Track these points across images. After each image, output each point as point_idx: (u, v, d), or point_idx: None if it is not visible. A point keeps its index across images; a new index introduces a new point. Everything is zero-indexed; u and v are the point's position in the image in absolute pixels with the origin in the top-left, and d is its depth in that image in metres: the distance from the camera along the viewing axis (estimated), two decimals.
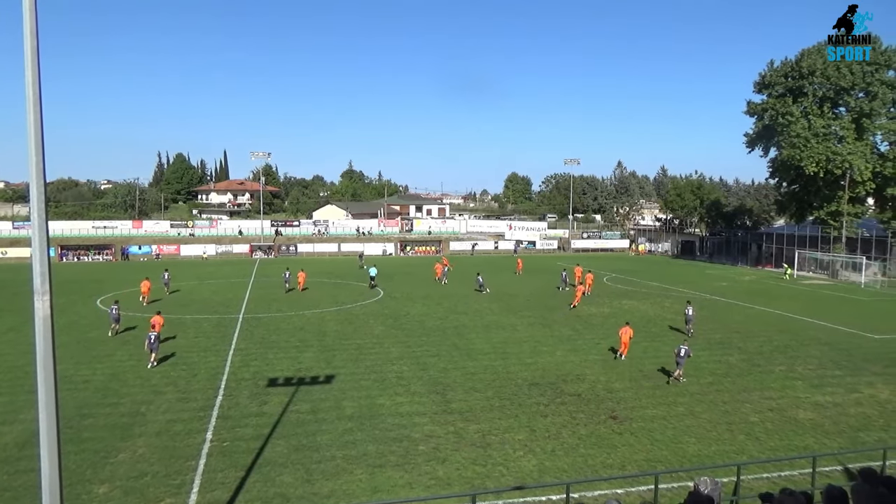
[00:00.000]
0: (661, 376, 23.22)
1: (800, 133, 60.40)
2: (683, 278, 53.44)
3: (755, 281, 56.61)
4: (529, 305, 39.25)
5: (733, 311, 38.25)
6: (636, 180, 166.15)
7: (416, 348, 27.18)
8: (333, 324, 32.84)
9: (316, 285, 49.53)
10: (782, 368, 24.29)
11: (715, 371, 24.05)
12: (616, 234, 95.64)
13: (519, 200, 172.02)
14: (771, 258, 69.82)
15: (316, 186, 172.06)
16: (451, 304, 39.86)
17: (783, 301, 42.72)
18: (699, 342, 28.89)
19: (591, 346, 27.98)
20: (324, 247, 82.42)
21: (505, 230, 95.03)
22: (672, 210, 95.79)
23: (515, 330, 31.26)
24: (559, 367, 24.27)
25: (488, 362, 24.77)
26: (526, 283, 50.71)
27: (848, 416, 19.32)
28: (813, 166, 59.13)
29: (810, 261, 63.16)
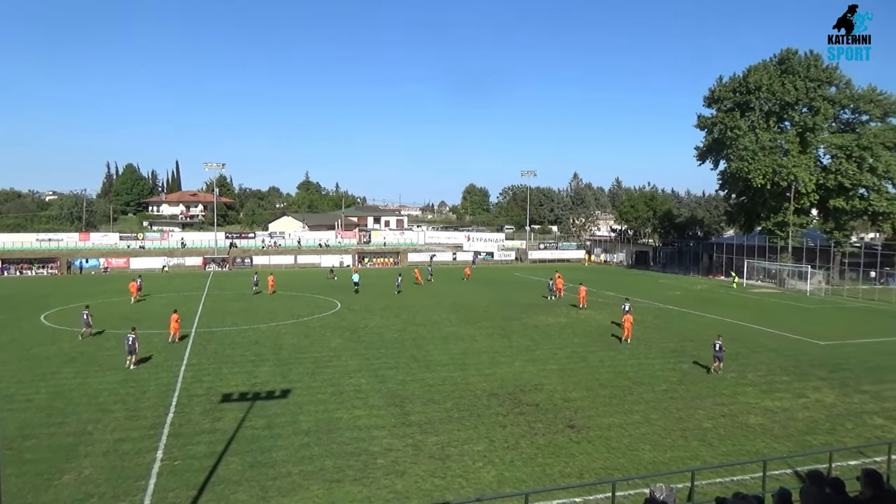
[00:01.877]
0: (618, 384, 23.28)
1: (747, 146, 61.92)
2: (638, 288, 53.89)
3: (707, 290, 57.22)
4: (488, 316, 39.17)
5: (686, 319, 38.67)
6: (592, 192, 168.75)
7: (374, 360, 26.95)
8: (290, 337, 32.38)
9: (269, 298, 48.73)
10: (733, 375, 24.60)
11: (669, 379, 24.24)
12: (572, 244, 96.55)
13: (477, 212, 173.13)
14: (721, 268, 70.79)
15: (272, 198, 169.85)
16: (410, 315, 39.65)
17: (733, 309, 43.40)
18: (653, 351, 29.18)
19: (549, 355, 28.00)
20: (280, 259, 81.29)
21: (463, 241, 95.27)
22: (626, 221, 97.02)
23: (474, 341, 31.20)
24: (517, 377, 24.28)
25: (447, 374, 24.71)
26: (484, 294, 50.65)
27: (796, 420, 19.68)
28: (760, 178, 60.52)
29: (759, 270, 64.15)
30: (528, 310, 41.68)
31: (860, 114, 62.81)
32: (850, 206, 60.50)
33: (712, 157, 69.47)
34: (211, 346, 30.18)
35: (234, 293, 50.82)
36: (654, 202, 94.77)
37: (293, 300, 47.28)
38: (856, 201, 60.39)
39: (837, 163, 60.15)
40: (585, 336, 33.09)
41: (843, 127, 64.01)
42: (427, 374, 24.67)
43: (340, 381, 23.81)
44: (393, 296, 49.42)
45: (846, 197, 60.66)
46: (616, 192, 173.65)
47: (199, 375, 24.68)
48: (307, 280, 61.62)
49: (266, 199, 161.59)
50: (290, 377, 24.38)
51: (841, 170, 59.55)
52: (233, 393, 22.23)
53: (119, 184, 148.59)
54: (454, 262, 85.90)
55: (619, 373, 25.00)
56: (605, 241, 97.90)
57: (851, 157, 59.24)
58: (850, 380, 24.34)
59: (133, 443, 17.77)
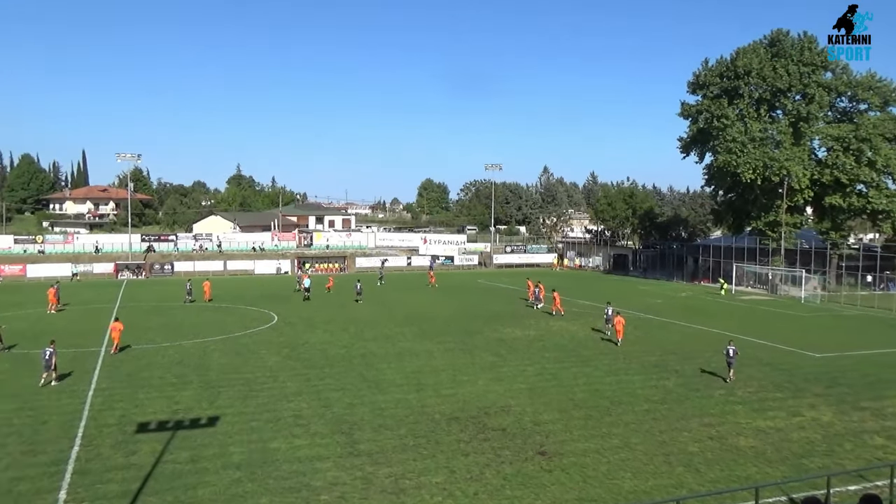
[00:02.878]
0: (595, 405, 23.65)
1: (736, 137, 62.98)
2: (616, 295, 54.51)
3: (692, 297, 58.33)
4: (448, 329, 39.73)
5: (669, 330, 39.67)
6: (564, 188, 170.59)
7: (316, 382, 27.03)
8: (218, 355, 32.33)
9: (196, 310, 48.44)
10: (722, 392, 25.30)
11: (651, 397, 24.71)
12: (542, 247, 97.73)
13: (435, 210, 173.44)
14: (708, 272, 72.45)
15: (197, 194, 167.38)
16: (358, 329, 39.95)
17: (721, 319, 44.65)
18: (633, 366, 29.88)
19: (517, 373, 28.40)
20: (207, 265, 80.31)
21: (419, 244, 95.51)
22: (603, 220, 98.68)
23: (432, 357, 31.53)
24: (481, 398, 24.52)
25: (401, 395, 24.88)
26: (443, 304, 51.10)
27: (790, 441, 20.22)
28: (750, 173, 61.53)
29: (749, 275, 65.98)
30: (493, 321, 42.30)
31: (858, 102, 64.12)
32: (848, 203, 61.75)
33: (697, 149, 70.59)
34: (124, 367, 29.73)
35: (152, 305, 50.26)
36: (633, 199, 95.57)
37: (222, 313, 47.07)
38: (853, 198, 61.69)
39: (834, 156, 61.48)
40: (558, 350, 33.54)
41: (840, 116, 65.10)
42: (378, 396, 24.82)
43: (277, 405, 23.77)
44: (338, 307, 49.61)
45: (843, 194, 61.85)
46: (591, 189, 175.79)
47: (111, 401, 24.27)
48: (238, 290, 61.05)
49: (190, 196, 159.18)
50: (218, 402, 24.23)
51: (837, 164, 60.86)
52: (150, 422, 22.01)
53: (14, 178, 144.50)
54: (409, 267, 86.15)
55: (595, 391, 25.42)
56: (579, 244, 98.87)
57: (849, 150, 60.60)
58: (849, 396, 25.00)
59: (31, 482, 17.35)
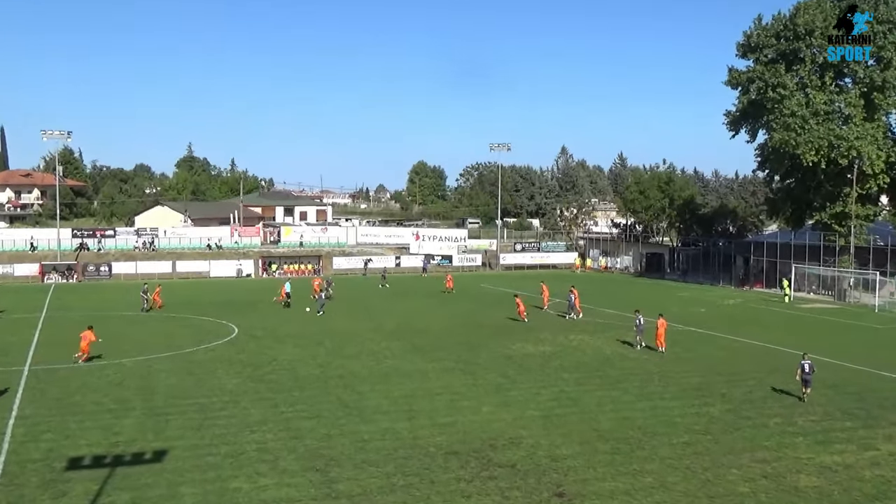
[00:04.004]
0: (623, 436, 23.49)
1: (795, 111, 62.34)
2: (649, 303, 53.65)
3: (742, 305, 58.08)
4: (445, 344, 39.57)
5: (714, 345, 39.83)
6: (586, 172, 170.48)
7: (285, 408, 26.93)
8: (167, 376, 32.19)
9: (141, 321, 48.38)
10: (778, 421, 25.32)
11: (692, 427, 24.61)
12: (560, 244, 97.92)
13: (429, 200, 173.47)
14: (761, 275, 71.69)
15: (140, 180, 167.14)
16: (336, 344, 39.72)
17: (777, 331, 44.72)
18: (671, 388, 29.81)
19: (529, 396, 28.31)
20: (151, 266, 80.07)
21: (410, 241, 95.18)
22: (633, 212, 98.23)
23: (426, 378, 31.57)
24: (486, 427, 24.44)
25: (388, 424, 24.82)
26: (439, 313, 50.92)
27: (862, 481, 20.12)
28: (812, 154, 60.91)
29: (810, 278, 65.24)
30: (499, 334, 42.06)
31: None
32: None
33: (748, 125, 69.73)
34: (52, 391, 29.42)
35: (85, 314, 49.55)
36: (670, 187, 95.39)
37: (171, 324, 46.96)
38: None
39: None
40: (579, 369, 33.41)
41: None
42: (360, 425, 24.71)
43: (238, 437, 23.59)
44: (311, 318, 49.38)
45: None
46: (619, 174, 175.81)
47: (36, 432, 24.02)
48: (192, 296, 60.74)
49: (131, 183, 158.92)
50: (166, 433, 24.01)
51: None
52: (84, 456, 21.72)
53: None
54: (398, 268, 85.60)
55: (624, 420, 25.30)
56: (604, 241, 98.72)
57: None
58: None
59: None
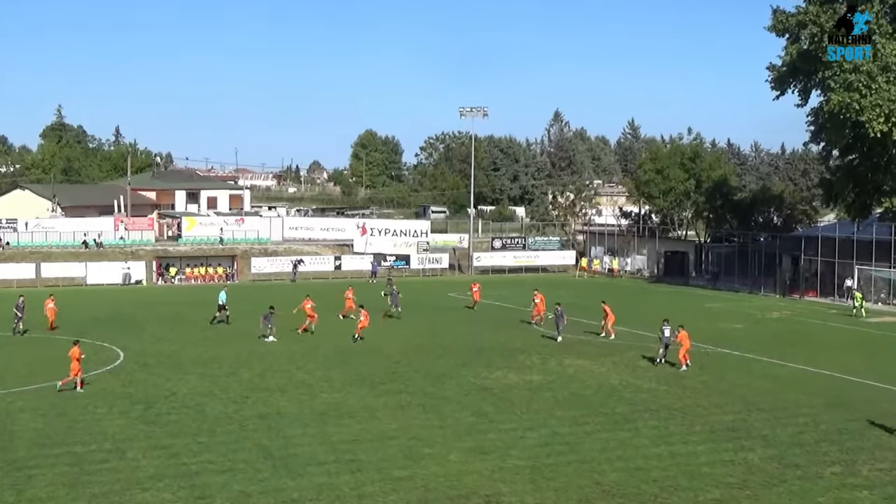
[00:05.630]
0: (635, 492, 23.08)
1: (859, 65, 59.03)
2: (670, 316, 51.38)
3: (789, 319, 57.67)
4: (401, 372, 38.68)
5: (753, 372, 39.66)
6: (586, 145, 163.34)
7: (188, 459, 25.50)
8: (29, 417, 30.27)
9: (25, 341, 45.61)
10: (836, 471, 25.15)
11: (724, 480, 24.22)
12: (553, 241, 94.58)
13: (380, 182, 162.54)
14: (815, 280, 69.76)
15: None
16: (256, 373, 37.93)
17: (835, 353, 44.67)
18: (697, 429, 29.45)
19: (512, 441, 27.62)
20: (6, 270, 75.08)
21: (355, 236, 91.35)
22: (648, 198, 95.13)
23: (375, 418, 30.75)
24: (454, 482, 23.85)
25: (325, 479, 23.86)
26: (394, 331, 49.12)
27: None
28: (881, 122, 57.95)
29: (879, 283, 64.22)
30: (473, 359, 41.19)
31: None
32: None
33: (798, 83, 66.00)
34: None
35: None
36: (696, 164, 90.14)
37: (35, 347, 44.05)
38: None
39: None
40: (576, 405, 32.70)
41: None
42: (287, 480, 23.79)
43: (126, 497, 22.25)
44: (223, 340, 46.71)
45: None
46: (630, 147, 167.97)
47: None
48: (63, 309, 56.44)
49: None
50: (28, 493, 22.49)
51: None
52: None
53: None
54: (338, 271, 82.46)
55: (636, 470, 24.82)
56: (610, 236, 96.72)
57: None
58: None
59: None
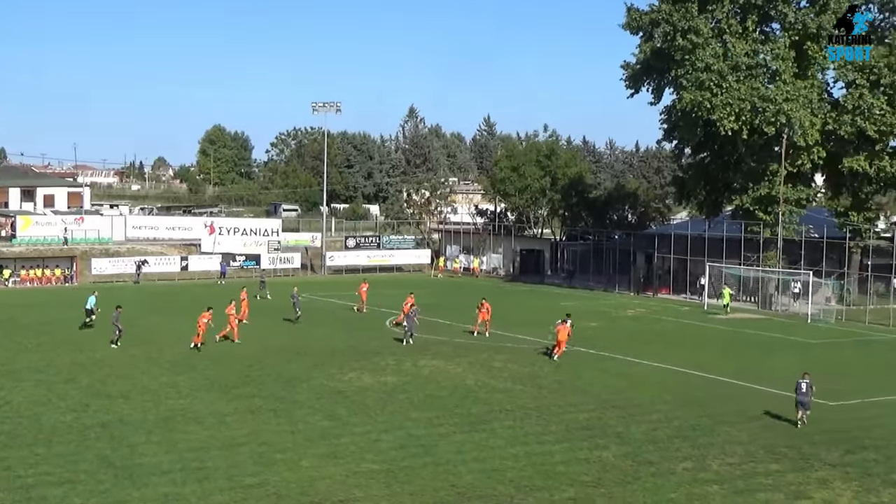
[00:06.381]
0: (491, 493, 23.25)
1: (710, 64, 60.35)
2: (523, 317, 52.69)
3: (643, 317, 58.27)
4: (251, 376, 38.08)
5: (608, 370, 40.18)
6: (442, 142, 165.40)
7: (23, 471, 24.75)
8: None
9: None
10: (688, 466, 25.75)
11: (579, 478, 24.59)
12: (408, 239, 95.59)
13: (229, 179, 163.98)
14: (669, 277, 71.28)
15: None
16: (96, 379, 36.69)
17: (688, 350, 45.36)
18: (552, 428, 29.91)
19: (366, 444, 28.07)
20: None
21: (202, 235, 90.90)
22: (504, 196, 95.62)
23: (224, 423, 30.43)
24: (307, 488, 23.80)
25: (170, 489, 23.63)
26: (244, 334, 47.71)
27: None
28: (731, 120, 59.75)
29: (729, 280, 65.32)
30: (326, 361, 41.13)
31: (891, 12, 62.86)
32: (877, 169, 60.74)
33: (652, 81, 68.06)
34: None
35: None
36: (552, 162, 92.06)
37: None
38: (885, 161, 60.50)
39: (856, 95, 59.71)
40: (432, 406, 32.83)
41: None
42: (131, 491, 23.44)
43: None
44: (60, 345, 45.12)
45: (870, 154, 60.68)
46: (486, 144, 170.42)
47: None
48: None
49: None
50: None
51: (862, 107, 59.20)
52: None
53: None
54: (184, 272, 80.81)
55: (492, 472, 25.05)
56: (466, 234, 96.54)
57: (879, 86, 59.00)
58: (877, 465, 25.88)
59: None
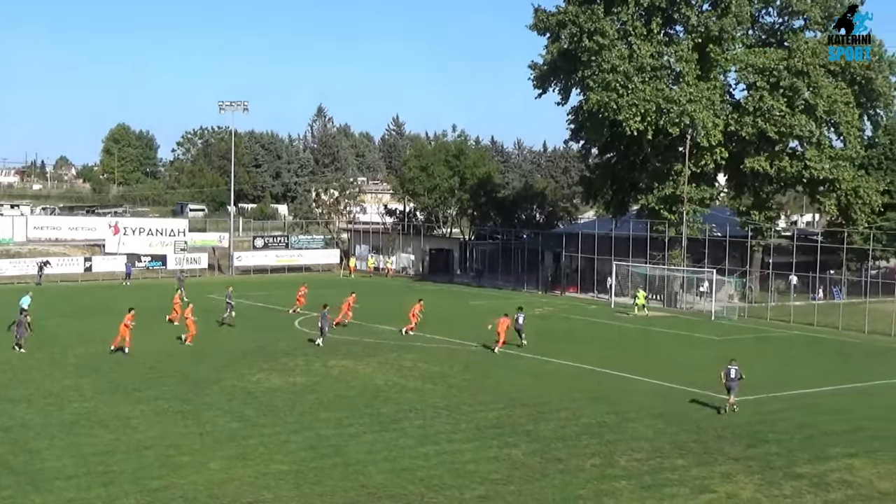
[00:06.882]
0: (402, 492, 23.60)
1: (616, 65, 60.83)
2: (433, 316, 52.19)
3: (552, 316, 58.35)
4: (157, 378, 37.81)
5: (517, 369, 40.45)
6: (350, 142, 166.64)
7: None
8: None
9: None
10: (596, 463, 26.09)
11: (489, 476, 24.73)
12: (317, 239, 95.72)
13: (134, 179, 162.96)
14: (576, 276, 71.79)
15: None
16: (1, 381, 36.36)
17: (596, 347, 46.01)
18: (462, 427, 29.90)
19: (276, 445, 27.72)
20: None
21: (107, 236, 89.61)
22: (413, 196, 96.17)
23: (129, 427, 30.12)
24: (215, 490, 23.69)
25: (74, 494, 23.27)
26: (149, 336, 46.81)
27: None
28: (637, 121, 60.29)
29: (636, 278, 65.73)
30: (235, 363, 40.84)
31: (791, 16, 64.25)
32: (777, 169, 62.04)
33: (559, 82, 68.14)
34: None
35: None
36: (461, 162, 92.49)
37: None
38: (785, 161, 61.87)
39: (756, 97, 60.95)
40: (341, 406, 32.86)
41: (766, 37, 66.35)
42: (34, 496, 23.19)
43: None
44: None
45: (770, 154, 62.00)
46: (394, 144, 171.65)
47: None
48: None
49: None
50: None
51: (762, 108, 60.49)
52: None
53: None
54: (88, 273, 78.99)
55: (402, 470, 25.43)
56: (375, 234, 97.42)
57: (778, 88, 60.34)
58: (779, 458, 26.43)
59: None
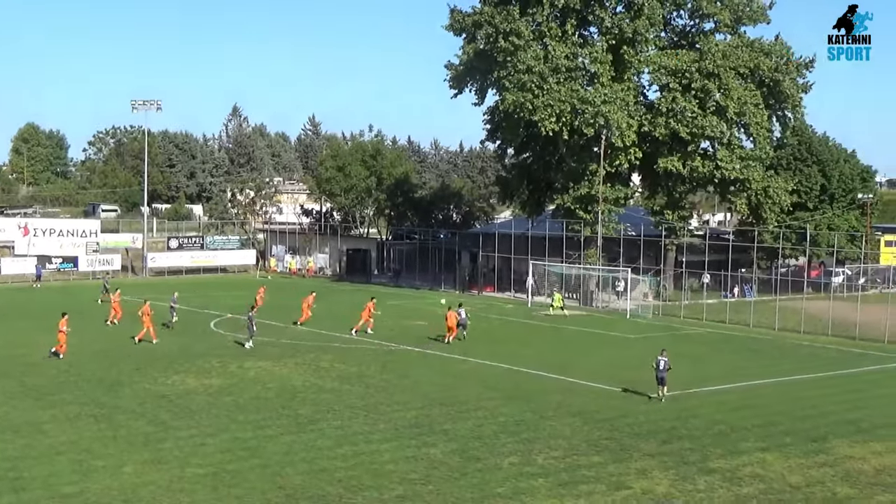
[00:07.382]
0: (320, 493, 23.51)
1: (532, 66, 60.78)
2: (349, 317, 52.20)
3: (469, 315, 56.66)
4: (69, 382, 37.23)
5: (434, 368, 40.75)
6: (266, 142, 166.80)
7: None
8: None
9: None
10: (514, 461, 26.13)
11: (407, 476, 24.83)
12: (233, 240, 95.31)
13: (44, 179, 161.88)
14: (493, 276, 71.87)
15: None
16: None
17: (512, 346, 46.21)
18: (380, 427, 29.89)
19: (192, 449, 27.44)
20: None
21: (16, 237, 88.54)
22: (330, 196, 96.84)
23: (41, 432, 29.81)
24: (130, 495, 23.37)
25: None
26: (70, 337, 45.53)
27: None
28: (552, 121, 60.31)
29: (552, 277, 65.74)
30: (149, 365, 40.61)
31: (701, 19, 64.80)
32: (689, 169, 62.50)
33: (475, 83, 68.03)
34: None
35: None
36: (378, 162, 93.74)
37: None
38: (697, 161, 62.44)
39: (669, 98, 61.52)
40: (259, 408, 32.75)
41: (678, 39, 66.72)
42: None
43: None
44: None
45: (682, 154, 62.43)
46: (311, 144, 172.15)
47: None
48: None
49: None
50: None
51: (675, 109, 61.05)
52: None
53: None
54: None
55: (320, 471, 25.23)
56: (292, 234, 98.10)
57: (690, 90, 61.02)
58: (693, 453, 26.76)
59: None
